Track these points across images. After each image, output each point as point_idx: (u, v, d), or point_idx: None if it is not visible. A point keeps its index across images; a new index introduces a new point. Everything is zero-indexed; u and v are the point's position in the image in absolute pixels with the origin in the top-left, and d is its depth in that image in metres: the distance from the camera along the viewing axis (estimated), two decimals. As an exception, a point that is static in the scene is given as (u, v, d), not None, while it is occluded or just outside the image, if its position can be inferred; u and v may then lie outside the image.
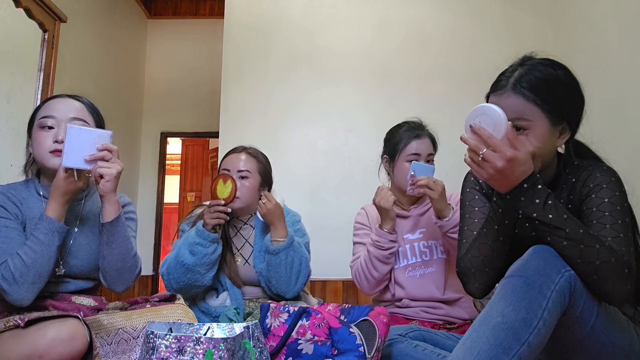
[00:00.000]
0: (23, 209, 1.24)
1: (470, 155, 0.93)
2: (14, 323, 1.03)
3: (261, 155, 1.72)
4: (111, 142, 1.21)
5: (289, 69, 3.13)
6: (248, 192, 1.62)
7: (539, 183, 0.91)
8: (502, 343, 0.81)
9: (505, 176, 0.89)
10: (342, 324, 1.09)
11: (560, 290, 0.84)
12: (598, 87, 2.53)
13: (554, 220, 0.89)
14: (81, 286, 1.29)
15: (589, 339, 0.89)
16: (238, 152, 1.68)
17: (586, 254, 0.87)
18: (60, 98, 1.30)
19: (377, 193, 1.57)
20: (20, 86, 2.71)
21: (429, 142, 1.62)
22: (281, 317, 1.13)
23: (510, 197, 0.92)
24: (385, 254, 1.54)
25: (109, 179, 1.19)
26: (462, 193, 1.22)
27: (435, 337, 1.16)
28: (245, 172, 1.62)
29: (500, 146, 0.88)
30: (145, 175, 4.93)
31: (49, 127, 1.24)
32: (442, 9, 3.19)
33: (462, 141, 0.94)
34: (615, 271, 0.87)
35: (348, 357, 1.04)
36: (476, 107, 0.95)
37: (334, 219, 2.88)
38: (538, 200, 0.90)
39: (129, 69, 4.63)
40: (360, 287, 1.63)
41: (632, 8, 2.31)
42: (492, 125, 0.90)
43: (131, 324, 1.17)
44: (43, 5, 2.84)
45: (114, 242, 1.23)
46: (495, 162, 0.88)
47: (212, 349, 0.81)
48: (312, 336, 1.08)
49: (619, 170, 1.08)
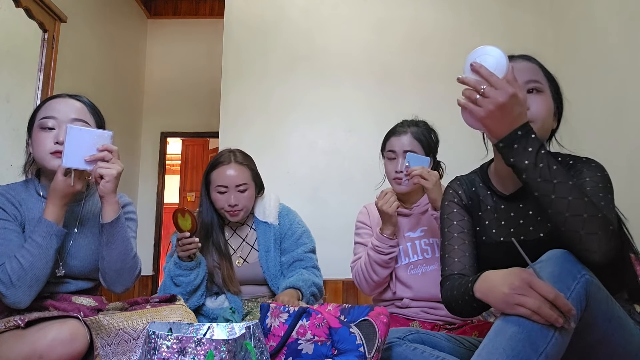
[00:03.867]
0: (22, 210, 1.23)
1: (467, 93, 0.91)
2: (14, 323, 1.03)
3: (249, 160, 1.72)
4: (111, 143, 1.20)
5: (289, 69, 3.13)
6: (248, 202, 1.68)
7: (533, 132, 0.90)
8: (519, 354, 0.79)
9: (505, 113, 0.87)
10: (342, 324, 1.08)
11: (577, 296, 0.82)
12: (598, 87, 2.53)
13: (544, 170, 0.87)
14: (81, 286, 1.29)
15: (600, 344, 0.88)
16: (226, 164, 1.66)
17: (574, 207, 0.85)
18: (61, 98, 1.29)
19: (381, 197, 1.54)
20: (20, 86, 2.71)
21: (409, 138, 1.59)
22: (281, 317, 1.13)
23: (503, 145, 0.90)
24: (385, 258, 1.54)
25: (109, 179, 1.18)
26: (441, 206, 1.22)
27: (434, 339, 1.15)
28: (243, 185, 1.65)
29: (501, 82, 0.87)
30: (145, 175, 4.93)
31: (49, 127, 1.24)
32: (442, 9, 3.20)
33: (459, 82, 0.93)
34: (601, 227, 0.85)
35: (348, 357, 1.03)
36: (477, 48, 0.94)
37: (334, 219, 2.88)
38: (531, 148, 0.88)
39: (129, 68, 4.63)
40: (360, 288, 1.63)
41: (632, 8, 2.31)
42: (494, 65, 0.90)
43: (131, 325, 1.17)
44: (43, 5, 2.84)
45: (113, 242, 1.22)
46: (497, 97, 0.87)
47: (214, 350, 0.81)
48: (312, 336, 1.07)
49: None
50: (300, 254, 1.71)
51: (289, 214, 1.78)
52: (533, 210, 1.07)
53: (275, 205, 1.77)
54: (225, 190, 1.63)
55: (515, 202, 1.10)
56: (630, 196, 2.10)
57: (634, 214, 1.95)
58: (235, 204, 1.63)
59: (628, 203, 1.69)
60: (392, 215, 1.53)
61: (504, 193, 1.13)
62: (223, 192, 1.64)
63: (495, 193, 1.14)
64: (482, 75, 0.89)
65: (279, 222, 1.74)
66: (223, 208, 1.65)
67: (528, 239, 1.06)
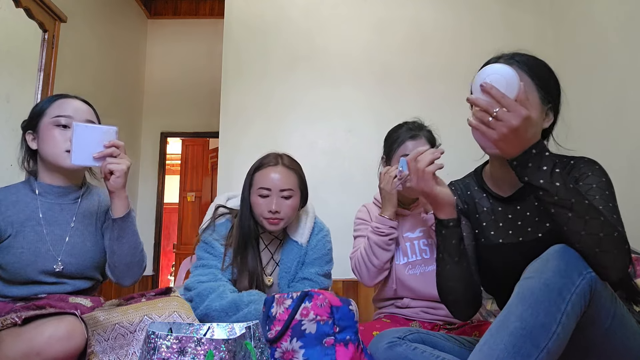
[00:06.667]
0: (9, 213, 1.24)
1: (478, 115, 0.88)
2: (11, 321, 1.03)
3: (297, 165, 1.57)
4: (117, 138, 1.21)
5: (289, 69, 3.13)
6: (291, 211, 1.51)
7: (547, 150, 0.89)
8: (520, 350, 0.79)
9: (519, 136, 0.86)
10: (342, 302, 1.14)
11: (581, 293, 0.82)
12: (598, 87, 2.53)
13: (560, 189, 0.85)
14: (78, 286, 1.29)
15: (602, 341, 0.88)
16: (273, 165, 1.51)
17: (591, 226, 0.84)
18: (70, 98, 1.32)
19: (381, 179, 1.58)
20: (20, 86, 2.71)
21: (425, 142, 1.62)
22: (285, 304, 1.16)
23: (517, 163, 0.89)
24: (386, 239, 1.55)
25: (119, 174, 1.20)
26: None
27: (434, 339, 1.16)
28: (289, 191, 1.49)
29: (514, 105, 0.85)
30: (145, 175, 4.93)
31: (63, 125, 1.25)
32: (442, 9, 3.20)
33: (469, 102, 0.91)
34: (617, 245, 0.85)
35: (347, 333, 1.10)
36: (486, 67, 0.92)
37: (334, 219, 2.86)
38: (545, 167, 0.87)
39: (129, 68, 4.63)
40: (360, 278, 1.61)
41: (632, 8, 2.31)
42: (505, 85, 0.87)
43: (127, 319, 1.16)
44: (43, 5, 2.84)
45: (124, 237, 1.24)
46: (510, 121, 0.85)
47: (213, 350, 0.81)
48: (315, 316, 1.11)
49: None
50: (312, 274, 1.56)
51: (320, 234, 1.63)
52: (531, 212, 1.07)
53: (310, 225, 1.61)
54: (267, 193, 1.48)
55: (512, 204, 1.10)
56: (630, 196, 2.09)
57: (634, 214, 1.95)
58: (277, 210, 1.46)
59: (628, 203, 1.69)
60: (393, 195, 1.55)
61: (501, 195, 1.13)
62: (265, 196, 1.48)
63: (492, 195, 1.14)
64: (494, 97, 0.86)
65: (308, 242, 1.59)
66: (262, 214, 1.48)
67: (526, 240, 1.06)
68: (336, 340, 1.08)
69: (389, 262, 1.59)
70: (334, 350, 1.07)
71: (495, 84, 0.87)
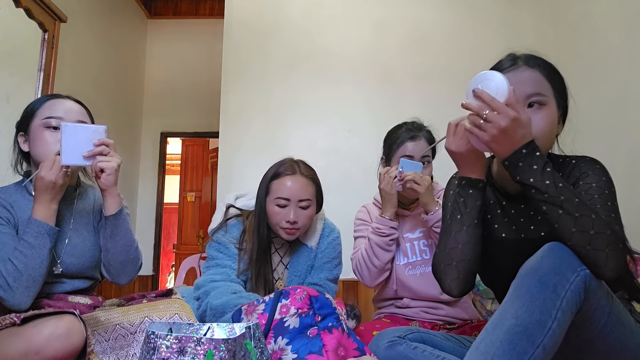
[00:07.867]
0: (14, 212, 1.22)
1: (471, 119, 0.93)
2: (10, 321, 1.03)
3: (314, 173, 1.56)
4: (106, 136, 1.21)
5: (289, 69, 3.13)
6: (309, 220, 1.50)
7: (538, 150, 0.91)
8: (516, 347, 0.80)
9: (508, 137, 0.89)
10: (319, 292, 1.17)
11: (576, 289, 0.82)
12: (598, 87, 2.53)
13: (551, 187, 0.88)
14: (77, 286, 1.29)
15: (598, 338, 0.88)
16: (290, 174, 1.48)
17: (581, 223, 0.85)
18: (62, 99, 1.30)
19: (381, 179, 1.58)
20: (20, 86, 2.71)
21: (425, 143, 1.62)
22: (258, 310, 1.17)
23: (509, 163, 0.92)
24: (386, 240, 1.55)
25: (110, 172, 1.20)
26: (445, 195, 1.21)
27: (435, 338, 1.16)
28: (307, 201, 1.47)
29: (503, 107, 0.89)
30: (145, 175, 4.93)
31: (53, 127, 1.24)
32: (442, 8, 3.20)
33: (463, 107, 0.95)
34: (610, 243, 0.85)
35: (330, 320, 1.13)
36: (478, 74, 0.96)
37: (334, 219, 2.85)
38: (536, 166, 0.89)
39: (129, 68, 4.63)
40: (361, 279, 1.62)
41: (632, 8, 2.31)
42: (495, 90, 0.92)
43: (128, 320, 1.16)
44: (43, 5, 2.84)
45: (117, 234, 1.24)
46: (499, 122, 0.89)
47: (213, 349, 0.81)
48: (296, 310, 1.13)
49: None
50: (322, 279, 1.55)
51: (330, 236, 1.61)
52: (534, 210, 1.07)
53: (319, 227, 1.59)
54: (285, 203, 1.45)
55: (517, 201, 1.10)
56: (630, 196, 2.09)
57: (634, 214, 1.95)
58: (295, 220, 1.44)
59: (628, 203, 1.69)
60: (392, 195, 1.56)
61: (507, 191, 1.13)
62: (283, 206, 1.45)
63: (498, 190, 1.15)
64: (484, 100, 0.91)
65: (317, 244, 1.57)
66: (279, 224, 1.46)
67: (528, 238, 1.06)
68: (319, 329, 1.12)
69: (390, 262, 1.59)
70: (319, 337, 1.10)
71: (486, 89, 0.93)
